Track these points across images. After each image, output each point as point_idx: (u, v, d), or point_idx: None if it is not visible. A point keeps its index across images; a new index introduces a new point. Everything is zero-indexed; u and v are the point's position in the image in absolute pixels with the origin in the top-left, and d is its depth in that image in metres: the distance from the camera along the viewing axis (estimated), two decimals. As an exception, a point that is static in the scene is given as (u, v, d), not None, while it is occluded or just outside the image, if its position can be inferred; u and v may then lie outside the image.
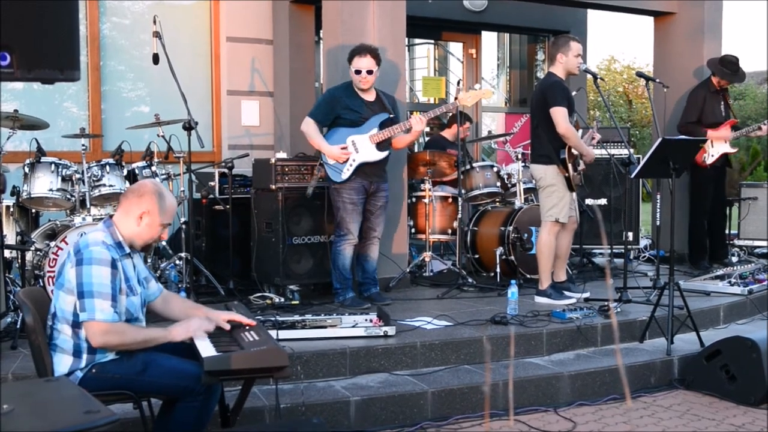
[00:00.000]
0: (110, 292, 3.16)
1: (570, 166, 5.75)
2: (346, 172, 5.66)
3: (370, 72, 5.68)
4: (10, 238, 5.46)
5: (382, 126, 5.76)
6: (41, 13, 2.12)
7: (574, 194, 5.97)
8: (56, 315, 3.22)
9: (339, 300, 5.74)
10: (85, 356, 3.21)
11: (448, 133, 8.16)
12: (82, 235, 3.35)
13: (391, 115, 5.85)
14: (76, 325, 3.18)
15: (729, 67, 7.57)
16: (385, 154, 5.79)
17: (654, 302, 5.47)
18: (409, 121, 5.79)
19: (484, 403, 4.47)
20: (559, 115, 5.66)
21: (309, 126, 5.75)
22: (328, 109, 5.74)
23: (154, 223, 3.36)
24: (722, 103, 7.65)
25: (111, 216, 3.44)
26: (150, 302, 3.54)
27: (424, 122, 5.79)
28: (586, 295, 5.98)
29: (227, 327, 3.44)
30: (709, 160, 7.46)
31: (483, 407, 4.51)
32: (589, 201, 7.57)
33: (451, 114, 8.09)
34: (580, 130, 6.10)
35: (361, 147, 5.69)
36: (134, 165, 5.90)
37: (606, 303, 5.71)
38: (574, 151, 5.80)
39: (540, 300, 5.91)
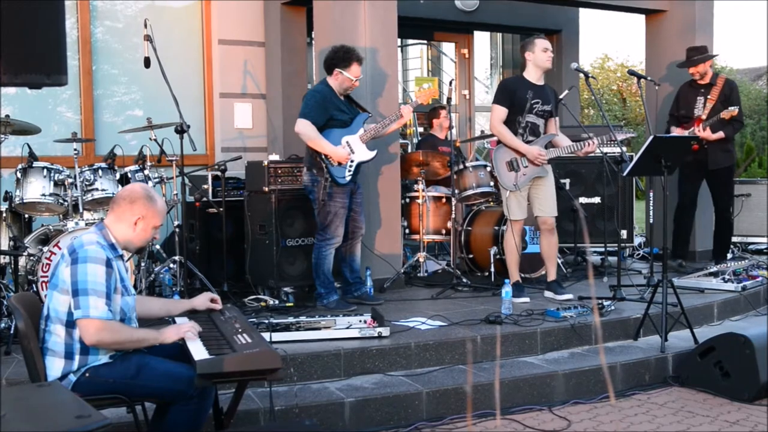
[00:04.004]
0: (105, 290, 3.18)
1: (505, 165, 5.89)
2: (348, 174, 5.67)
3: (359, 80, 5.79)
4: (3, 243, 5.46)
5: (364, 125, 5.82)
6: (27, 18, 2.12)
7: (545, 193, 5.96)
8: (49, 316, 3.23)
9: (323, 303, 5.72)
10: (77, 358, 3.21)
11: (436, 129, 8.16)
12: (75, 238, 3.36)
13: (370, 114, 5.93)
14: (69, 325, 3.19)
15: (689, 55, 7.33)
16: (375, 152, 5.81)
17: (648, 300, 5.49)
18: (400, 110, 5.86)
19: (469, 403, 4.47)
20: (492, 113, 5.97)
21: (307, 127, 5.57)
22: (322, 110, 5.64)
23: (148, 227, 3.42)
24: (704, 98, 7.25)
25: (102, 220, 3.46)
26: None
27: (411, 111, 5.94)
28: (567, 297, 5.95)
29: (218, 306, 3.75)
30: None
31: (478, 407, 4.52)
32: (582, 200, 7.58)
33: (430, 108, 8.17)
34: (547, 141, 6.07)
35: (355, 147, 5.70)
36: (127, 169, 5.89)
37: (601, 301, 5.74)
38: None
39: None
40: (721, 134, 7.06)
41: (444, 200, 7.04)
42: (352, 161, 5.67)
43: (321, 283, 5.76)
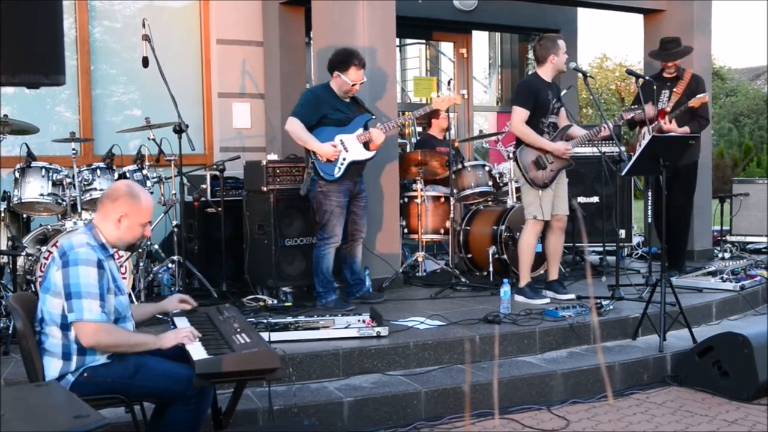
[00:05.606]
0: (98, 291, 3.17)
1: (531, 164, 5.81)
2: (338, 171, 5.67)
3: (361, 83, 5.74)
4: (2, 243, 5.46)
5: (366, 126, 5.80)
6: (26, 18, 2.11)
7: (563, 191, 5.96)
8: (44, 319, 3.22)
9: (321, 303, 5.72)
10: (75, 358, 3.20)
11: (435, 130, 8.16)
12: (66, 239, 3.35)
13: (373, 116, 5.91)
14: (65, 327, 3.19)
15: (665, 47, 7.01)
16: (373, 153, 5.81)
17: (646, 299, 5.49)
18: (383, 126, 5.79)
19: (467, 403, 4.48)
20: (514, 114, 5.85)
21: (295, 125, 5.67)
22: (313, 109, 5.69)
23: (134, 224, 3.39)
24: (669, 91, 6.89)
25: (92, 220, 3.46)
26: None
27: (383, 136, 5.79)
28: (569, 296, 5.96)
29: (188, 306, 3.74)
30: None
31: (477, 406, 4.52)
32: (581, 199, 7.58)
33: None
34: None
35: (350, 146, 5.70)
36: (125, 168, 5.89)
37: (599, 301, 5.73)
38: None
39: (518, 298, 5.91)
40: (686, 129, 6.70)
41: (442, 200, 7.04)
42: (344, 159, 5.67)
43: (320, 282, 5.76)
